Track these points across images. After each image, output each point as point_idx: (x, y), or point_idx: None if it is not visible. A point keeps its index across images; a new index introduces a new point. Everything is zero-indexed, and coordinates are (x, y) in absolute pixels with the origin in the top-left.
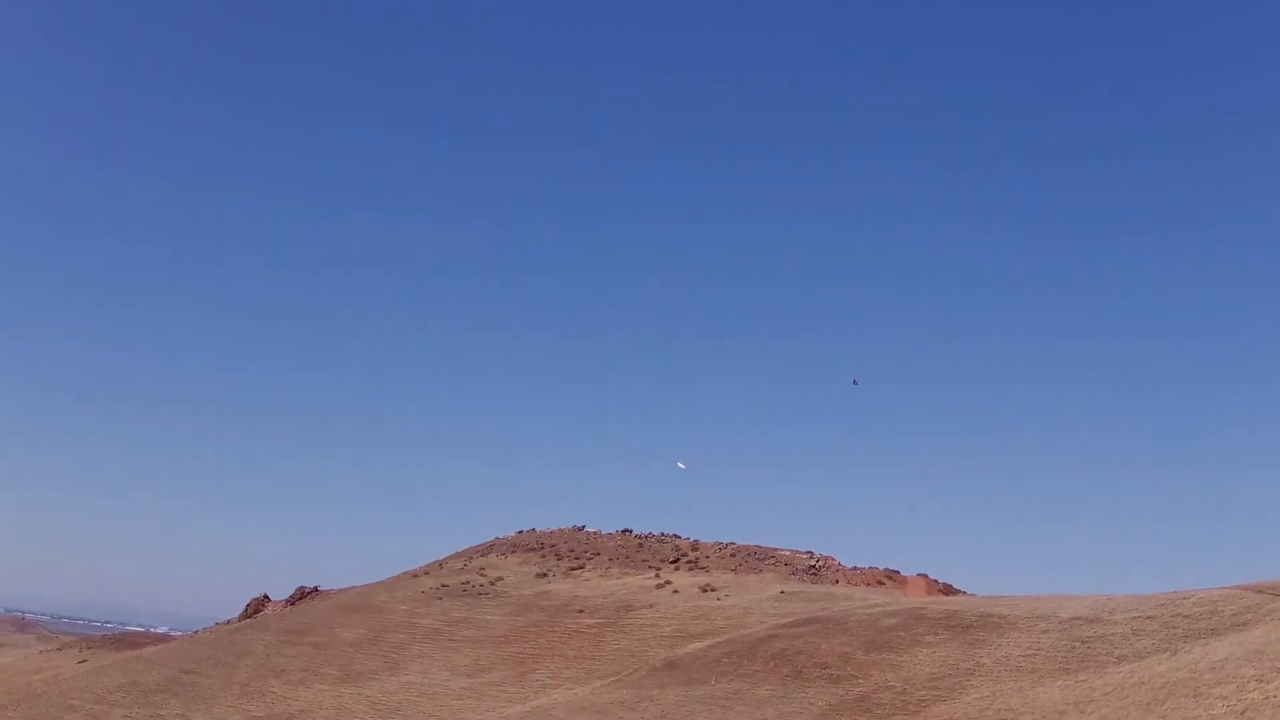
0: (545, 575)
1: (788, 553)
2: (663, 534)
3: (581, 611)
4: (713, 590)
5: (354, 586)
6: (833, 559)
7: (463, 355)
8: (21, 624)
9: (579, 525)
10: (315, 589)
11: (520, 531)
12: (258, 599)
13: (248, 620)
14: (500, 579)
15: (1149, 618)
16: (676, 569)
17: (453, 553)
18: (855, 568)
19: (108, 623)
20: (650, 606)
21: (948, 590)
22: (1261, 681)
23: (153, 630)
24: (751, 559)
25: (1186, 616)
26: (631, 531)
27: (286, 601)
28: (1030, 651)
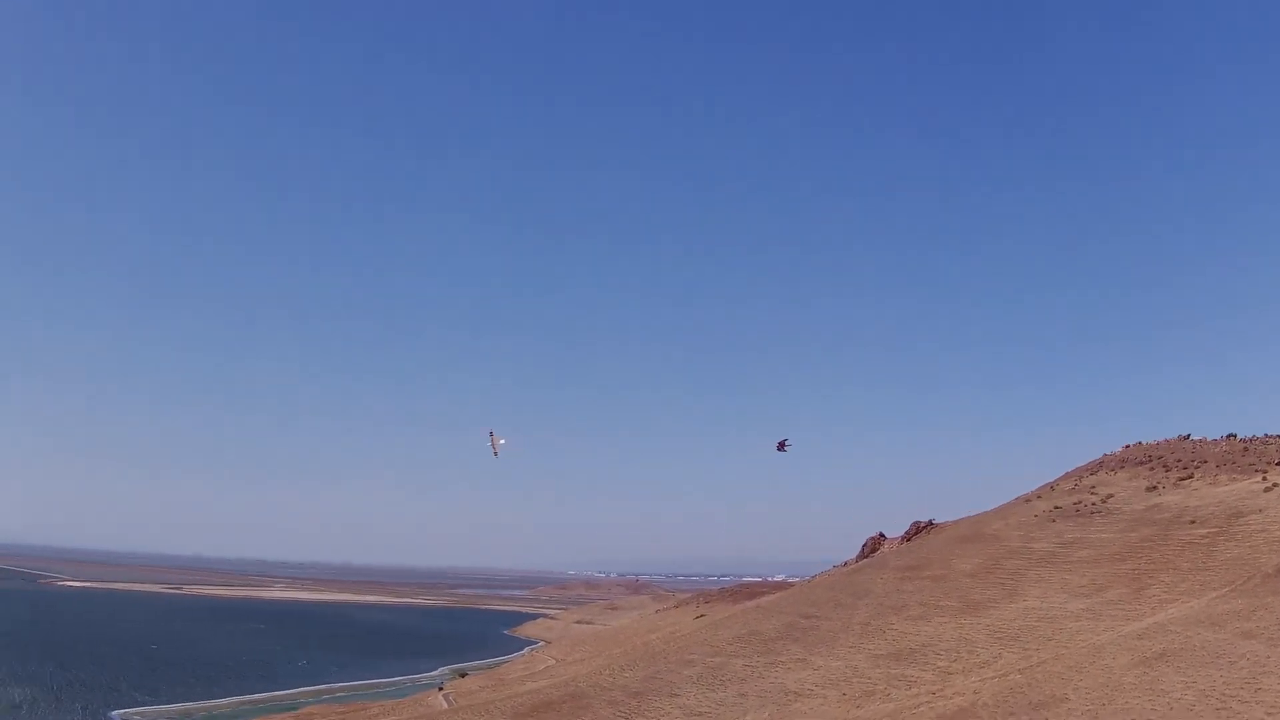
0: (1155, 488)
1: None
2: (1267, 435)
3: (1193, 522)
4: None
5: (967, 516)
6: None
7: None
8: (636, 586)
9: (1184, 434)
10: (930, 522)
11: (1127, 446)
12: (874, 537)
13: (865, 560)
14: (1111, 495)
15: None
16: None
17: (1063, 473)
18: None
19: (724, 576)
20: (1259, 511)
21: None
22: None
23: (770, 579)
24: None
25: None
26: (1236, 435)
27: (903, 537)
28: None
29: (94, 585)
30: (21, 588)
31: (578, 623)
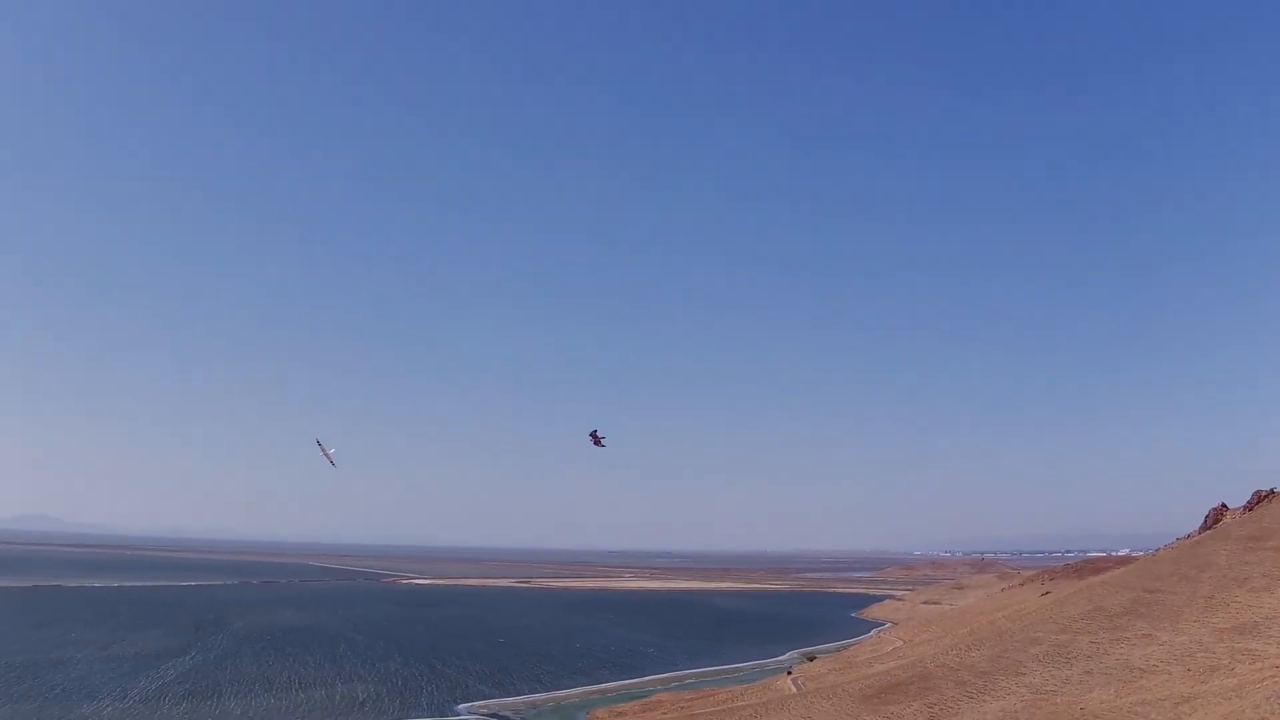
0: None
1: None
2: None
3: None
4: None
5: None
6: None
7: None
8: (981, 564)
9: None
10: (1272, 491)
11: None
12: (1216, 509)
13: (1208, 531)
14: None
15: None
16: None
17: None
18: None
19: (1068, 552)
20: None
21: None
22: None
23: (1114, 554)
24: None
25: None
26: None
27: (1244, 508)
28: None
29: (440, 582)
30: (367, 587)
31: (924, 603)
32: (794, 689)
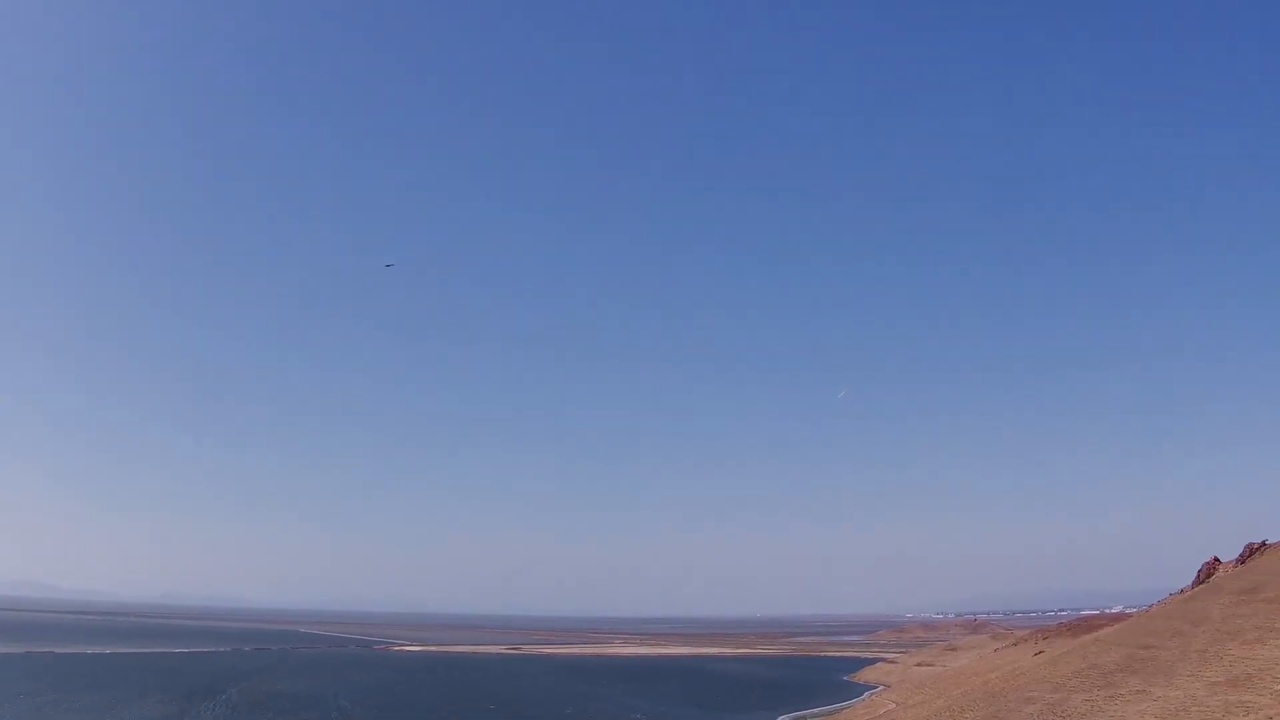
0: None
1: None
2: None
3: None
4: None
5: None
6: None
7: None
8: (974, 625)
9: None
10: (1264, 543)
11: None
12: (1209, 563)
13: (1201, 585)
14: None
15: None
16: None
17: None
18: None
19: (1061, 610)
20: None
21: None
22: None
23: (1108, 610)
24: None
25: None
26: None
27: (1236, 560)
28: None
29: (431, 649)
30: (359, 655)
31: (917, 665)
32: None
